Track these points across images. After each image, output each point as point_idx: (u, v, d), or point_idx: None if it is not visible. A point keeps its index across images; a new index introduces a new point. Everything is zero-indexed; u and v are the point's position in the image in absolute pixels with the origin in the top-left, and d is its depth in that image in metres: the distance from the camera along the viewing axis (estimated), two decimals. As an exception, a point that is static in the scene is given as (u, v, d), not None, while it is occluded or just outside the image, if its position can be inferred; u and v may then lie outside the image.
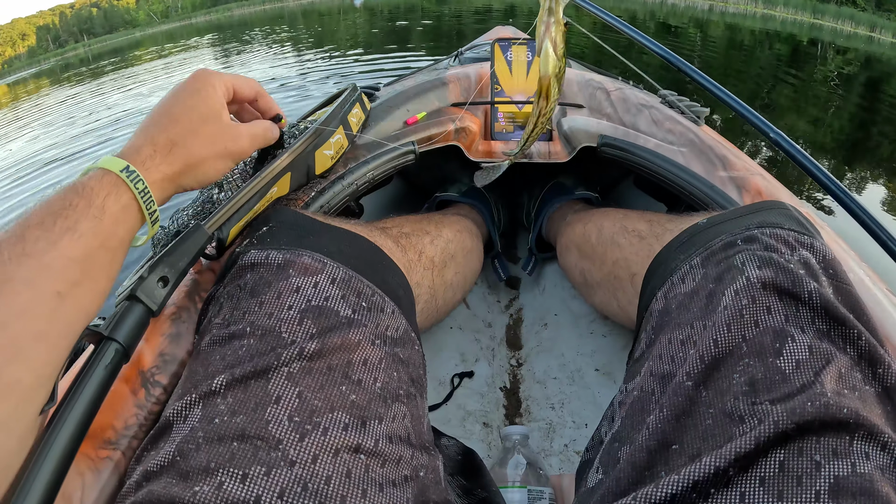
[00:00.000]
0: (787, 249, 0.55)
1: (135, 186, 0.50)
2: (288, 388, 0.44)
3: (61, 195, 0.47)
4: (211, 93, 0.59)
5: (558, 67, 0.62)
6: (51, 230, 0.44)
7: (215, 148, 0.58)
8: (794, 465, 0.40)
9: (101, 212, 0.47)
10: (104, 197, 0.48)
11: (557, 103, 1.05)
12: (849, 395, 0.43)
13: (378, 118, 0.98)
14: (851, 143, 4.12)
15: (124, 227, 0.50)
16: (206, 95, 0.59)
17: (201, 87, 0.59)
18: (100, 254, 0.47)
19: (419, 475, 0.49)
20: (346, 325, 0.51)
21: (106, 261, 0.48)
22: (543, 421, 0.97)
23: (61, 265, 0.44)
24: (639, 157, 0.90)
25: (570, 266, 1.01)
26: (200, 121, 0.57)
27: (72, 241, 0.45)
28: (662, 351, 0.54)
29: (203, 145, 0.57)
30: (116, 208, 0.49)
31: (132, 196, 0.50)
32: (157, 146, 0.54)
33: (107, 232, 0.48)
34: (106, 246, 0.48)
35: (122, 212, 0.50)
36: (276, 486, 0.40)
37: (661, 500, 0.41)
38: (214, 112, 0.59)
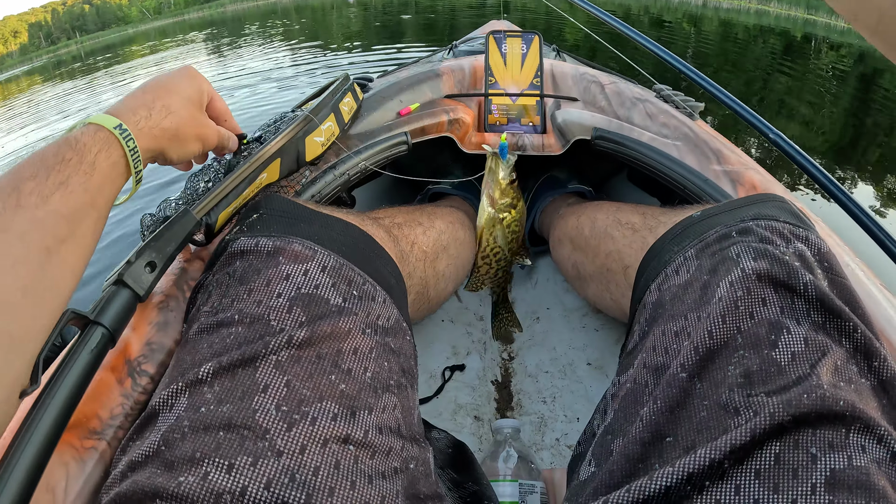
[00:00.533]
0: (782, 241, 0.54)
1: (126, 144, 0.51)
2: (276, 377, 0.44)
3: (55, 148, 0.47)
4: (202, 83, 0.64)
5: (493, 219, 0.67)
6: (44, 184, 0.44)
7: (196, 129, 0.62)
8: (790, 457, 0.40)
9: (92, 168, 0.48)
10: (96, 153, 0.49)
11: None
12: (845, 388, 0.43)
13: (371, 108, 0.98)
14: (846, 138, 4.14)
15: (111, 186, 0.51)
16: (197, 84, 0.64)
17: (194, 77, 0.64)
18: (88, 212, 0.48)
19: (409, 467, 0.48)
20: (336, 313, 0.50)
21: (92, 219, 0.49)
22: (535, 415, 0.97)
23: (52, 221, 0.44)
24: (633, 150, 0.90)
25: (562, 259, 1.01)
26: (190, 102, 0.61)
27: (63, 197, 0.45)
28: (656, 343, 0.53)
29: (189, 123, 0.61)
30: (106, 165, 0.50)
31: (122, 154, 0.52)
32: (152, 110, 0.57)
33: (96, 189, 0.48)
34: (94, 204, 0.48)
35: (111, 169, 0.51)
36: (262, 476, 0.39)
37: (656, 492, 0.41)
38: (201, 100, 0.64)
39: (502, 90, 1.06)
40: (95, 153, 0.49)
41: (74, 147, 0.48)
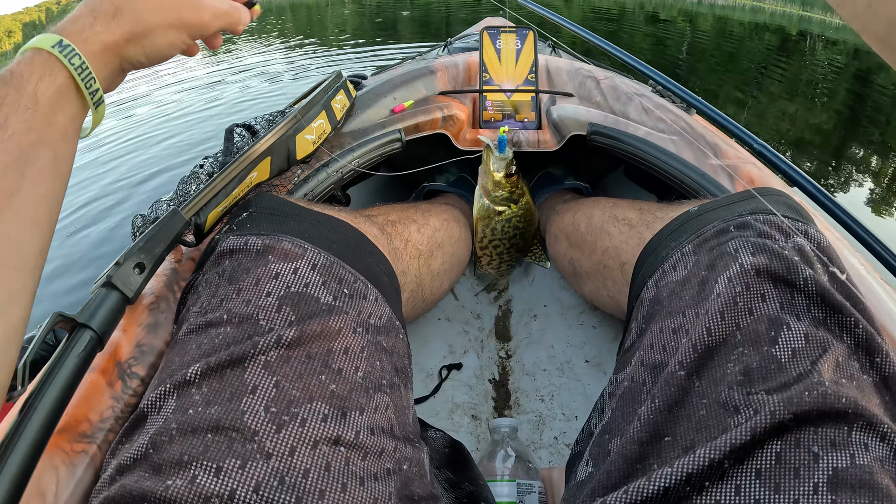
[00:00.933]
0: (781, 236, 0.53)
1: (70, 62, 0.43)
2: (265, 378, 0.43)
3: None
4: None
5: (488, 210, 0.63)
6: None
7: (168, 15, 0.50)
8: (792, 456, 0.39)
9: (34, 100, 0.41)
10: (36, 82, 0.42)
11: (546, 92, 1.03)
12: (847, 385, 0.42)
13: (364, 106, 0.97)
14: (840, 134, 4.15)
15: (64, 115, 0.44)
16: None
17: None
18: (38, 152, 0.41)
19: (402, 468, 0.48)
20: (326, 311, 0.50)
21: (47, 159, 0.42)
22: (533, 413, 0.96)
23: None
24: (629, 145, 0.89)
25: (559, 255, 1.00)
26: None
27: (2, 142, 0.39)
28: (654, 340, 0.53)
29: (154, 11, 0.49)
30: (51, 93, 0.42)
31: (68, 75, 0.44)
32: (97, 13, 0.47)
33: (42, 123, 0.42)
34: (44, 141, 0.42)
35: (59, 96, 0.43)
36: (251, 479, 0.38)
37: (654, 493, 0.40)
38: None
39: (497, 86, 1.05)
40: (35, 82, 0.42)
41: (9, 82, 0.41)
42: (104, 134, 4.67)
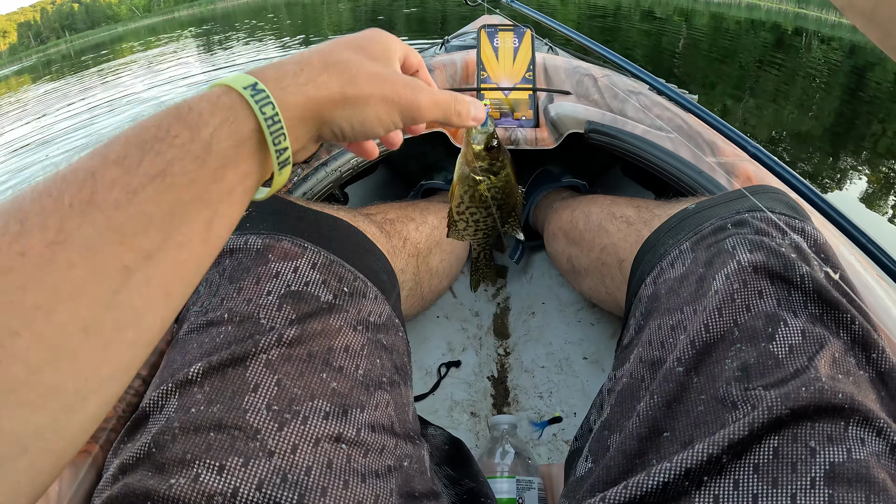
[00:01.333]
0: (778, 233, 0.54)
1: (261, 110, 0.36)
2: (266, 376, 0.43)
3: (158, 119, 0.34)
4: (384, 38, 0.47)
5: (466, 177, 0.61)
6: (132, 172, 0.31)
7: (384, 87, 0.42)
8: (789, 451, 0.39)
9: (207, 149, 0.34)
10: (214, 127, 0.34)
11: (544, 90, 1.04)
12: (843, 380, 0.43)
13: None
14: (836, 130, 4.16)
15: (236, 172, 0.36)
16: (377, 39, 0.46)
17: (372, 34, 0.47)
18: (193, 210, 0.34)
19: (403, 465, 0.48)
20: (326, 310, 0.50)
21: (202, 220, 0.34)
22: (532, 410, 0.96)
23: (136, 227, 0.31)
24: (626, 143, 0.89)
25: (557, 253, 1.00)
26: (369, 57, 0.44)
27: (158, 193, 0.32)
28: (652, 337, 0.53)
29: (370, 78, 0.42)
30: (229, 143, 0.35)
31: (255, 126, 0.36)
32: (304, 65, 0.40)
33: (209, 179, 0.34)
34: (204, 198, 0.34)
35: (237, 148, 0.35)
36: (254, 477, 0.38)
37: (653, 488, 0.40)
38: (385, 53, 0.45)
39: (494, 84, 1.06)
40: (214, 127, 0.34)
41: (185, 118, 0.34)
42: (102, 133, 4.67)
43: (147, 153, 0.32)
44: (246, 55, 7.82)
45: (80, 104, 6.46)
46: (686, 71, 5.68)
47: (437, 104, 0.46)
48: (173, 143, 0.33)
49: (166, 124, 0.33)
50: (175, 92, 5.83)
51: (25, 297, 0.28)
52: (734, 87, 5.07)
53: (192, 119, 0.34)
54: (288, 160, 0.38)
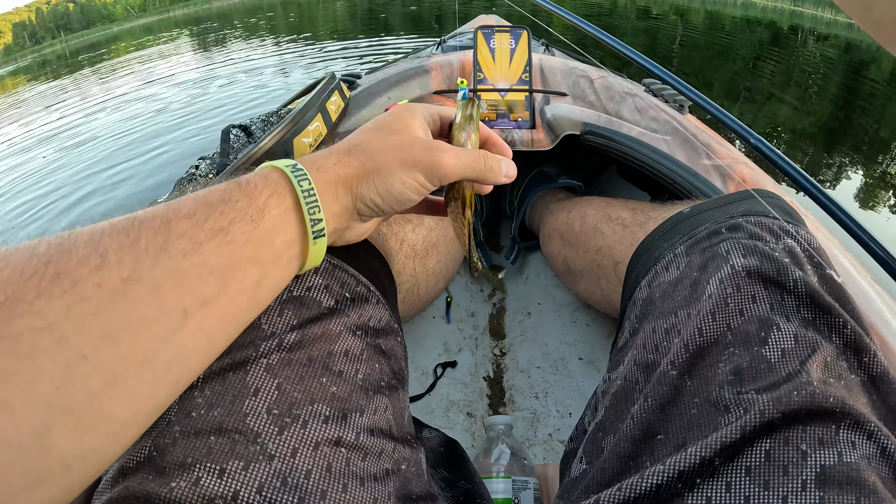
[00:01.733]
0: (771, 237, 0.54)
1: (298, 184, 0.42)
2: (267, 380, 0.43)
3: (223, 186, 0.40)
4: (409, 113, 0.51)
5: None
6: (200, 226, 0.36)
7: (400, 154, 0.47)
8: (781, 454, 0.40)
9: (260, 214, 0.40)
10: (266, 197, 0.41)
11: (541, 92, 1.04)
12: (835, 384, 0.43)
13: (359, 105, 0.97)
14: (831, 128, 4.17)
15: (282, 239, 0.42)
16: (397, 116, 0.51)
17: (396, 111, 0.52)
18: (245, 267, 0.39)
19: (401, 468, 0.48)
20: (327, 315, 0.50)
21: (253, 278, 0.40)
22: (527, 410, 0.97)
23: (198, 275, 0.36)
24: (622, 144, 0.90)
25: (553, 254, 1.01)
26: (387, 131, 0.49)
27: (218, 247, 0.37)
28: (646, 340, 0.54)
29: (385, 149, 0.47)
30: (277, 212, 0.41)
31: (295, 198, 0.42)
32: (333, 151, 0.47)
33: (260, 240, 0.39)
34: (256, 258, 0.39)
35: (283, 217, 0.41)
36: (254, 480, 0.39)
37: (647, 490, 0.41)
38: (404, 125, 0.50)
39: (491, 86, 1.06)
40: (266, 197, 0.40)
41: (244, 188, 0.40)
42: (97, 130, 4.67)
43: (213, 212, 0.37)
44: (245, 55, 7.81)
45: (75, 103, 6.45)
46: (682, 69, 5.69)
47: (461, 161, 0.49)
48: (234, 206, 0.38)
49: (229, 191, 0.39)
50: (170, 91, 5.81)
51: (97, 324, 0.31)
52: (729, 84, 5.09)
53: (249, 189, 0.40)
54: (322, 231, 0.44)
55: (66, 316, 0.30)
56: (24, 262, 0.30)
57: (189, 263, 0.35)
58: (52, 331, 0.29)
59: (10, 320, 0.28)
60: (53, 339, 0.29)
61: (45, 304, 0.29)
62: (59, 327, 0.29)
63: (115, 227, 0.34)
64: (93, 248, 0.32)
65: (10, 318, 0.28)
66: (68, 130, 5.07)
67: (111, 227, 0.34)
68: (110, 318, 0.31)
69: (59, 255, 0.31)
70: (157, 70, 7.80)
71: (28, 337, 0.29)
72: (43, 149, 4.61)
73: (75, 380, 0.30)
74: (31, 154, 4.57)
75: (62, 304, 0.30)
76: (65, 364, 0.29)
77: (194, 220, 0.36)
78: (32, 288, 0.30)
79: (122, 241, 0.33)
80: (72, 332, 0.30)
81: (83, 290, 0.31)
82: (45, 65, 18.92)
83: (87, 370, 0.30)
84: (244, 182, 0.41)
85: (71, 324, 0.30)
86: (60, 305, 0.30)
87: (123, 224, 0.34)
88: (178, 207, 0.37)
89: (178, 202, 0.37)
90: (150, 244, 0.34)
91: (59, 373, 0.29)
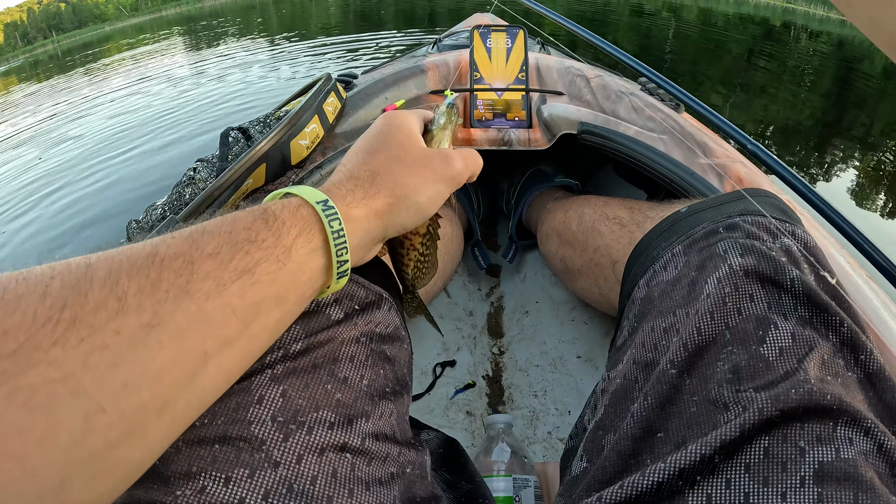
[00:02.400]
0: (768, 237, 0.55)
1: (329, 224, 0.41)
2: (271, 388, 0.43)
3: (248, 221, 0.38)
4: (406, 121, 0.53)
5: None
6: (225, 267, 0.35)
7: (424, 171, 0.49)
8: (779, 451, 0.40)
9: (287, 255, 0.38)
10: (295, 236, 0.39)
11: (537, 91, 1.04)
12: (832, 382, 0.44)
13: (356, 106, 0.97)
14: (824, 124, 4.19)
15: (309, 278, 0.41)
16: (400, 124, 0.52)
17: (393, 121, 0.52)
18: (269, 307, 0.38)
19: (406, 472, 0.48)
20: (335, 324, 0.50)
21: (275, 318, 0.39)
22: (527, 409, 0.97)
23: (222, 318, 0.34)
24: (619, 144, 0.90)
25: (550, 253, 1.01)
26: (400, 147, 0.49)
27: (243, 288, 0.35)
28: (645, 339, 0.54)
29: (410, 170, 0.48)
30: (304, 252, 0.40)
31: (324, 239, 0.41)
32: (357, 179, 0.46)
33: (286, 280, 0.38)
34: (280, 298, 0.39)
35: (309, 257, 0.40)
36: (260, 487, 0.39)
37: (648, 487, 0.41)
38: (414, 136, 0.51)
39: (487, 85, 1.06)
40: (294, 237, 0.39)
41: (271, 225, 0.38)
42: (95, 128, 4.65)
43: (238, 251, 0.36)
44: (239, 53, 7.78)
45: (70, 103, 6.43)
46: (674, 66, 5.70)
47: (466, 163, 0.53)
48: (261, 245, 0.37)
49: (256, 228, 0.38)
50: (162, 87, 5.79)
51: (116, 374, 0.29)
52: (721, 81, 5.10)
53: (276, 228, 0.39)
54: (347, 270, 0.43)
55: (83, 366, 0.28)
56: (36, 304, 0.28)
57: (213, 305, 0.34)
58: (69, 382, 0.28)
59: (24, 371, 0.27)
60: (71, 390, 0.28)
61: (61, 354, 0.28)
62: (77, 378, 0.28)
63: (133, 265, 0.32)
64: (110, 290, 0.31)
65: (25, 370, 0.27)
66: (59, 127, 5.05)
67: (129, 263, 0.32)
68: (130, 368, 0.30)
69: (75, 296, 0.29)
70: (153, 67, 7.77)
71: (44, 389, 0.27)
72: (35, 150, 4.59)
73: (94, 432, 0.28)
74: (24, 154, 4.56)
75: (79, 354, 0.28)
76: (83, 417, 0.28)
77: (218, 259, 0.35)
78: (47, 335, 0.28)
79: (142, 283, 0.32)
80: (90, 384, 0.28)
81: (102, 338, 0.29)
82: (38, 65, 18.81)
83: (105, 421, 0.29)
84: (271, 217, 0.39)
85: (89, 374, 0.28)
86: (77, 355, 0.28)
87: (142, 262, 0.33)
88: (202, 244, 0.35)
89: (200, 237, 0.36)
90: (172, 286, 0.32)
91: (78, 426, 0.28)
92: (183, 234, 0.35)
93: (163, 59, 9.22)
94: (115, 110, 5.43)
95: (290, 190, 0.43)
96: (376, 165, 0.47)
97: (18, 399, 0.26)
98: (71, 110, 6.03)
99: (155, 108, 4.99)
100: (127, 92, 6.28)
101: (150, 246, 0.34)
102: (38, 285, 0.29)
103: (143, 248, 0.33)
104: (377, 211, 0.46)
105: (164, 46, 11.77)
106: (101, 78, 8.63)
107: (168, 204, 0.73)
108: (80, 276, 0.30)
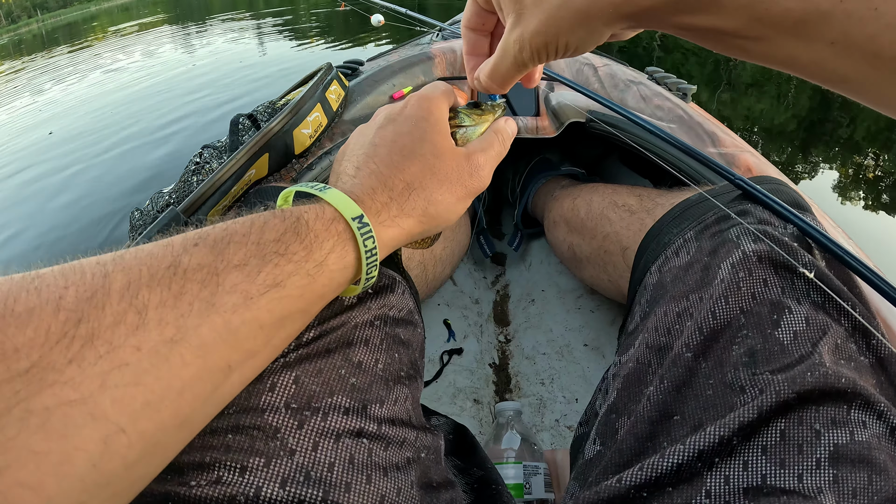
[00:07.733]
0: (780, 223, 0.55)
1: (364, 243, 0.40)
2: (283, 375, 0.42)
3: (277, 232, 0.36)
4: (440, 116, 0.48)
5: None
6: (252, 280, 0.33)
7: (454, 188, 0.46)
8: (795, 433, 0.41)
9: (318, 269, 0.37)
10: (328, 252, 0.38)
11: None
12: (845, 366, 0.44)
13: (364, 93, 0.97)
14: (811, 119, 4.17)
15: (333, 290, 0.40)
16: (436, 119, 0.47)
17: (428, 114, 0.47)
18: (294, 320, 0.38)
19: (421, 456, 0.48)
20: (348, 308, 0.49)
21: (296, 328, 0.39)
22: (534, 396, 0.98)
23: (248, 332, 0.33)
24: (627, 132, 0.90)
25: (558, 241, 1.01)
26: (434, 155, 0.45)
27: (271, 302, 0.34)
28: (658, 323, 0.54)
29: (442, 186, 0.45)
30: (336, 268, 0.39)
31: (357, 256, 0.40)
32: (393, 191, 0.43)
33: (315, 294, 0.38)
34: (305, 311, 0.38)
35: (340, 273, 0.39)
36: (277, 476, 0.38)
37: (667, 469, 0.42)
38: (447, 136, 0.48)
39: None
40: (327, 252, 0.38)
41: (302, 237, 0.37)
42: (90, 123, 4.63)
43: (267, 264, 0.34)
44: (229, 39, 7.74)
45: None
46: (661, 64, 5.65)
47: (492, 163, 0.50)
48: (291, 258, 0.36)
49: (286, 239, 0.36)
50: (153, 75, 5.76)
51: (137, 394, 0.28)
52: (707, 81, 5.07)
53: (307, 240, 0.37)
54: (371, 284, 0.44)
55: (101, 386, 0.26)
56: (50, 319, 0.27)
57: (239, 319, 0.32)
58: (87, 404, 0.26)
59: (38, 392, 0.25)
60: (88, 412, 0.26)
61: (77, 373, 0.26)
62: (95, 399, 0.26)
63: (153, 275, 0.30)
64: (129, 302, 0.29)
65: (39, 390, 0.25)
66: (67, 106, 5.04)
67: (149, 272, 0.30)
68: (151, 386, 0.28)
69: (91, 310, 0.28)
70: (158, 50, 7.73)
71: (60, 411, 0.25)
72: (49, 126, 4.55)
73: (113, 455, 0.27)
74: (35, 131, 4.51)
75: (97, 373, 0.26)
76: (102, 440, 0.26)
77: (246, 271, 0.33)
78: (62, 353, 0.26)
79: (164, 296, 0.30)
80: (109, 405, 0.27)
81: (121, 355, 0.27)
82: (21, 43, 18.69)
83: (125, 442, 0.27)
84: (303, 228, 0.37)
85: (108, 395, 0.27)
86: (95, 374, 0.26)
87: (163, 273, 0.31)
88: (228, 256, 0.33)
89: (226, 246, 0.34)
90: (196, 298, 0.31)
91: (96, 450, 0.26)
92: (207, 243, 0.34)
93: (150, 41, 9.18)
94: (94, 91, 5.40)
95: (320, 194, 0.41)
96: (412, 177, 0.44)
97: (33, 422, 0.25)
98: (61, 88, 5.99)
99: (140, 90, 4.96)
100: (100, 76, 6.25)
101: (172, 255, 0.32)
102: (51, 296, 0.27)
103: (162, 256, 0.32)
104: (409, 232, 0.44)
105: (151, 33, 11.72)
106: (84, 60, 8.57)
107: (175, 192, 0.73)
108: (96, 286, 0.29)
